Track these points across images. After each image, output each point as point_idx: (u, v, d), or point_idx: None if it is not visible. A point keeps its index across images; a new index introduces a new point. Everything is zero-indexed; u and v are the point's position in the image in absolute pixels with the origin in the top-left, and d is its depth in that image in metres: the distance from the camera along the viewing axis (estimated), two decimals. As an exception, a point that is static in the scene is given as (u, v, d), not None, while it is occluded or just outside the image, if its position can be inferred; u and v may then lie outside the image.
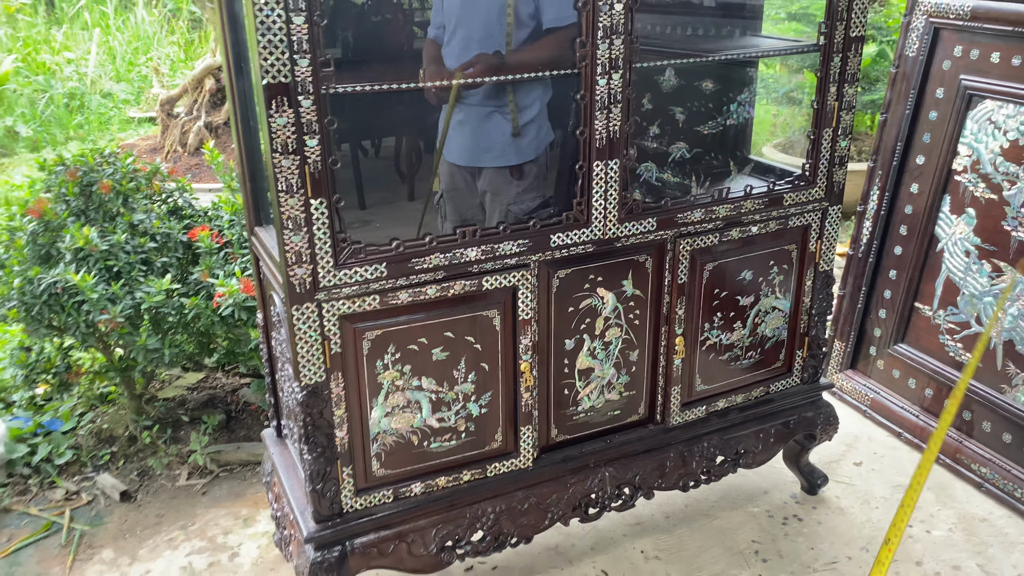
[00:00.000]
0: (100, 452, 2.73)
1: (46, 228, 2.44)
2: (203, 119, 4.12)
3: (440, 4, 2.06)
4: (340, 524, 1.83)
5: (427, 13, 2.19)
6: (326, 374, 1.70)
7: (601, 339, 1.99)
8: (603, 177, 1.81)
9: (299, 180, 1.53)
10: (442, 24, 2.04)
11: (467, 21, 1.99)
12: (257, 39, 1.43)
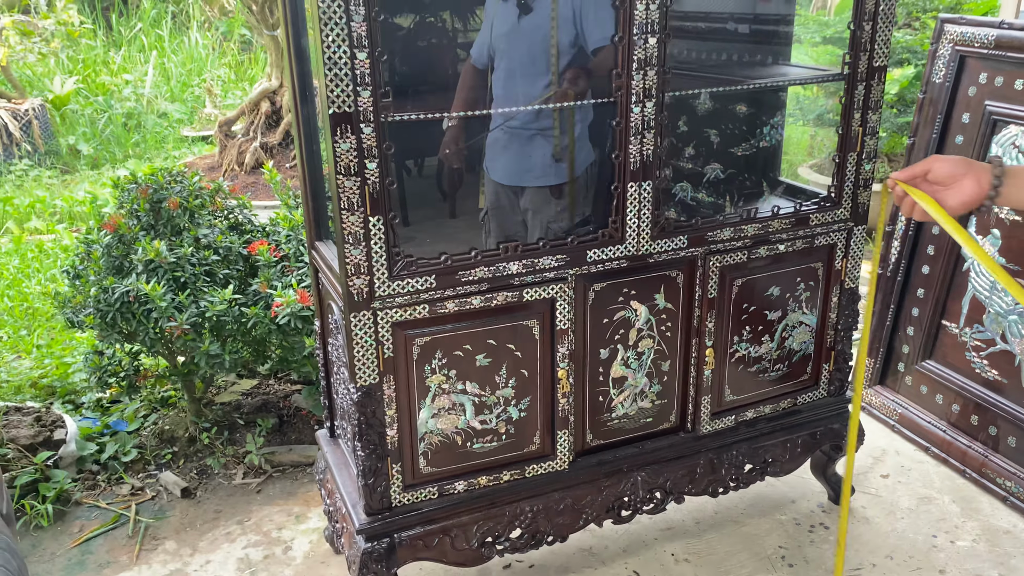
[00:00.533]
0: (162, 451, 2.91)
1: (120, 241, 2.64)
2: (259, 140, 4.34)
3: (487, 34, 2.21)
4: (389, 517, 1.97)
5: (469, 36, 2.35)
6: (379, 377, 1.85)
7: (634, 349, 2.11)
8: (637, 197, 1.94)
9: (359, 199, 1.69)
10: (485, 52, 2.19)
11: (512, 52, 2.15)
12: (324, 72, 1.59)
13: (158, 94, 8.37)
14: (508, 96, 2.17)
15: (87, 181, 6.46)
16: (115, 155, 7.14)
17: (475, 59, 2.22)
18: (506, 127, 2.22)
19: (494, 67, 2.16)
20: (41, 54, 7.70)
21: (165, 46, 9.46)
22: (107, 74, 8.80)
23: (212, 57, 9.24)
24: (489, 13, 2.23)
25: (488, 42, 2.20)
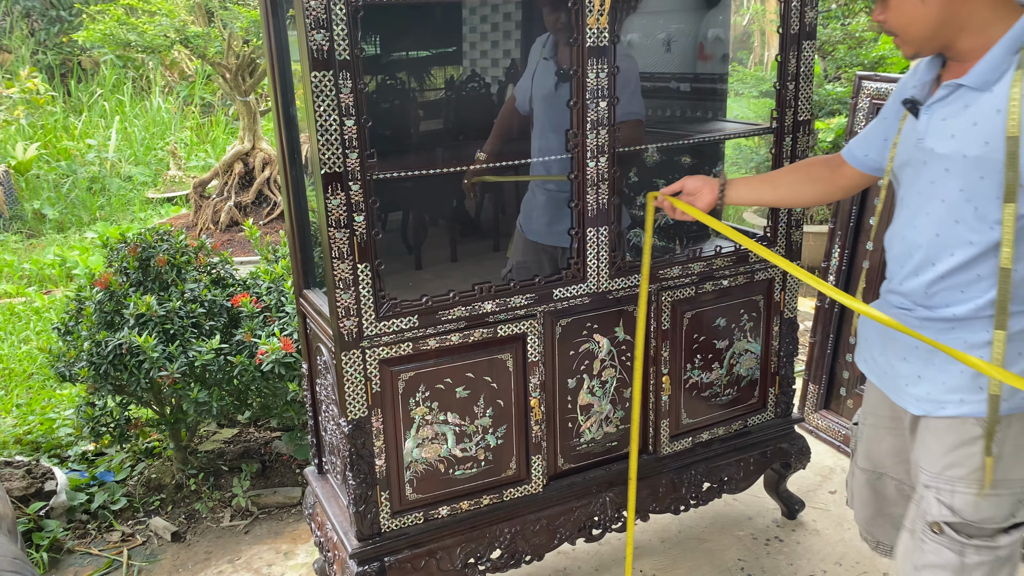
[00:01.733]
0: (151, 499, 3.03)
1: (111, 297, 2.79)
2: (233, 199, 4.52)
3: (529, 81, 2.43)
4: (379, 542, 2.13)
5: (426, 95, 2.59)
6: (368, 410, 2.03)
7: (599, 378, 2.32)
8: (595, 241, 2.17)
9: (348, 248, 1.89)
10: (527, 100, 2.41)
11: (549, 114, 2.37)
12: (317, 138, 1.80)
13: (122, 158, 8.51)
14: (544, 155, 2.40)
15: (55, 244, 6.55)
16: (81, 218, 7.24)
17: (519, 103, 2.44)
18: (544, 189, 2.44)
19: (533, 122, 2.39)
20: (6, 121, 7.80)
21: (127, 111, 9.63)
22: (68, 139, 8.92)
23: (174, 121, 9.42)
24: (531, 63, 2.45)
25: (529, 92, 2.41)
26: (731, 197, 2.04)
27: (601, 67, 2.04)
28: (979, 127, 1.52)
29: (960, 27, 1.54)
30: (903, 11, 1.56)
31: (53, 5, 12.76)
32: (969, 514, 1.63)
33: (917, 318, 1.66)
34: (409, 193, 2.83)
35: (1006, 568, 1.65)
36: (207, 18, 4.23)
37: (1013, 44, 1.49)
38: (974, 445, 1.60)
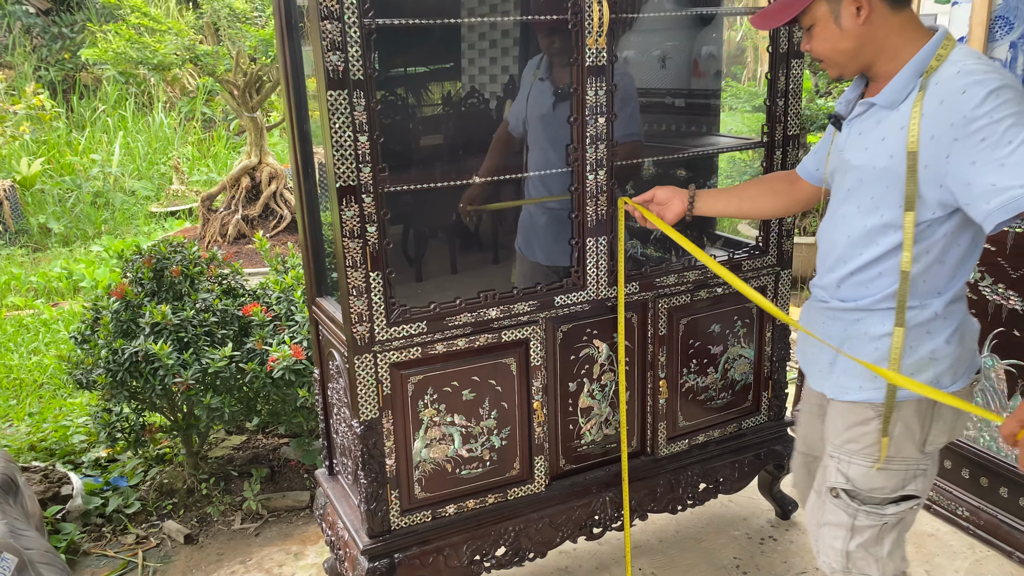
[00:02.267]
0: (163, 503, 3.11)
1: (127, 307, 2.89)
2: (240, 212, 4.63)
3: (523, 105, 2.50)
4: (389, 539, 2.22)
5: (424, 110, 2.68)
6: (379, 412, 2.13)
7: (598, 382, 2.42)
8: (594, 251, 2.28)
9: (362, 258, 2.00)
10: (521, 123, 2.49)
11: (547, 134, 2.44)
12: (332, 153, 1.91)
13: (125, 172, 8.62)
14: (544, 178, 2.49)
15: (61, 258, 6.64)
16: (86, 232, 7.33)
17: (512, 127, 2.51)
18: (545, 209, 2.52)
19: (528, 143, 2.47)
20: (12, 137, 7.91)
21: (129, 126, 9.74)
22: (71, 154, 9.03)
23: (176, 136, 9.54)
24: (525, 85, 2.54)
25: (523, 115, 2.49)
26: (700, 208, 2.16)
27: (600, 85, 2.15)
28: (886, 142, 1.69)
29: (875, 52, 1.71)
30: (825, 40, 1.74)
31: (55, 22, 12.91)
32: (861, 483, 1.84)
33: (831, 308, 1.87)
34: (409, 206, 2.92)
35: (893, 533, 1.87)
36: (215, 36, 4.34)
37: (917, 68, 1.66)
38: (868, 425, 1.81)
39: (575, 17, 2.09)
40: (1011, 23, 2.81)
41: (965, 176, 1.57)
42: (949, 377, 1.77)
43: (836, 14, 1.70)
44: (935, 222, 1.68)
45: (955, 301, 1.76)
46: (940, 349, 1.75)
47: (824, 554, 1.94)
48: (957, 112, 1.57)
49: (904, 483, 1.83)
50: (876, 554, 1.87)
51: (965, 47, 1.68)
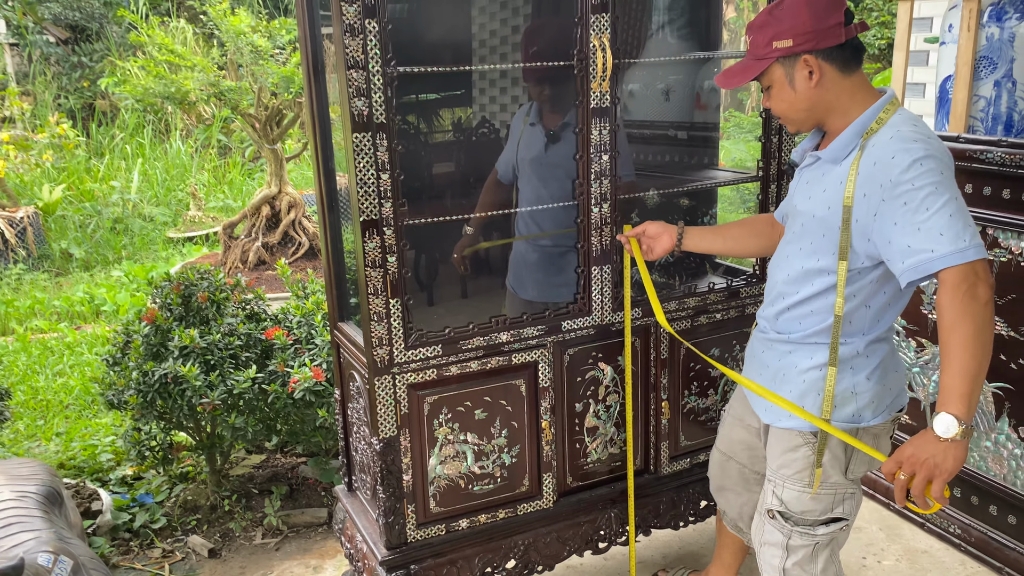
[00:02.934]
0: (188, 519, 3.25)
1: (157, 331, 3.05)
2: (260, 240, 4.80)
3: (512, 152, 2.64)
4: (406, 551, 2.35)
5: (435, 136, 2.83)
6: (397, 430, 2.27)
7: (603, 403, 2.56)
8: (599, 278, 2.43)
9: (382, 286, 2.15)
10: (511, 169, 2.63)
11: (540, 176, 2.57)
12: (357, 189, 2.07)
13: (143, 199, 8.83)
14: (535, 216, 2.62)
15: (82, 282, 6.83)
16: (106, 257, 7.53)
17: (501, 175, 2.65)
18: (536, 245, 2.65)
19: (518, 186, 2.62)
20: (36, 165, 8.14)
21: (147, 154, 9.98)
22: (91, 181, 9.26)
23: (193, 163, 9.77)
24: (515, 133, 2.68)
25: (513, 161, 2.64)
26: (687, 245, 2.34)
27: (604, 125, 2.31)
28: (827, 193, 1.86)
29: (827, 111, 1.89)
30: (782, 100, 1.92)
31: (75, 51, 13.24)
32: (793, 506, 2.02)
33: (769, 339, 2.06)
34: (421, 235, 3.07)
35: (825, 551, 2.04)
36: (237, 72, 4.54)
37: (859, 129, 1.84)
38: (797, 452, 1.98)
39: (580, 63, 2.25)
40: (995, 63, 2.96)
41: (888, 235, 1.74)
42: (870, 411, 1.93)
43: (791, 77, 1.88)
44: (864, 270, 1.85)
45: (878, 341, 1.93)
46: (861, 384, 1.92)
47: (764, 572, 2.12)
48: (886, 175, 1.73)
49: (832, 506, 2.00)
50: (810, 571, 2.04)
51: (905, 112, 1.85)
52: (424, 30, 2.74)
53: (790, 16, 1.83)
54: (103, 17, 14.00)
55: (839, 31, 1.82)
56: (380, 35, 1.99)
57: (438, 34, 2.83)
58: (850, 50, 1.86)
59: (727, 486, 2.42)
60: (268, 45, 4.38)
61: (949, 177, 1.73)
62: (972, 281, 1.65)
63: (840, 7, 1.85)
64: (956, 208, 1.69)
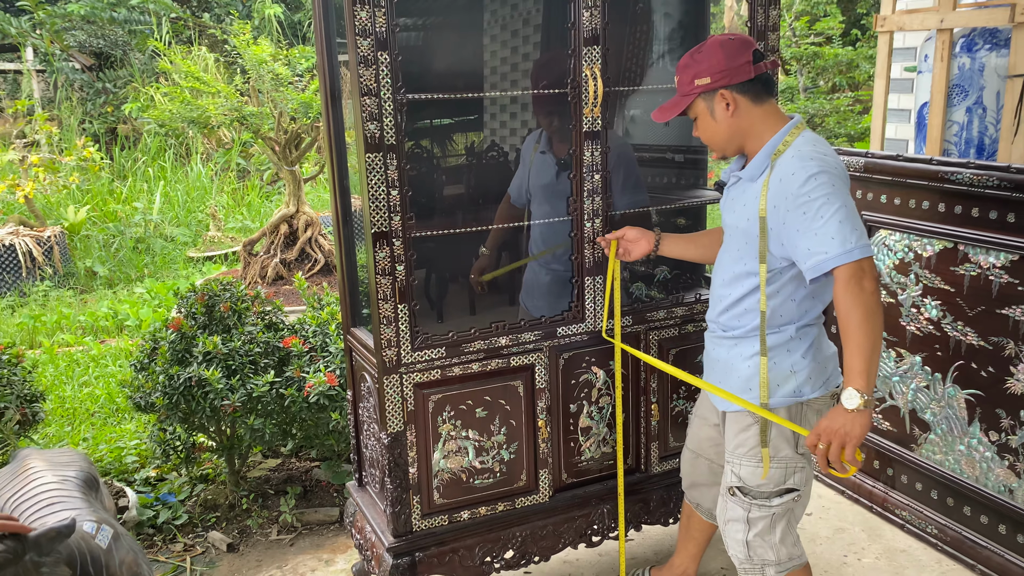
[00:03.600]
0: (208, 516, 3.45)
1: (182, 338, 3.27)
2: (278, 256, 5.04)
3: (524, 178, 2.85)
4: (411, 539, 2.54)
5: (448, 160, 3.04)
6: (404, 425, 2.47)
7: (596, 405, 2.75)
8: (592, 288, 2.63)
9: (391, 292, 2.36)
10: (523, 194, 2.84)
11: (551, 201, 2.76)
12: (368, 204, 2.28)
13: (165, 219, 9.12)
14: (546, 239, 2.83)
15: (106, 299, 7.08)
16: (129, 275, 7.79)
17: (514, 199, 2.86)
18: (548, 269, 2.86)
19: (531, 210, 2.82)
20: (64, 186, 8.45)
21: (168, 176, 10.30)
22: (114, 202, 9.56)
23: (213, 185, 10.07)
24: (526, 159, 2.88)
25: (526, 186, 2.84)
26: (663, 250, 2.59)
27: (595, 148, 2.52)
28: (747, 207, 2.15)
29: (744, 137, 2.19)
30: (705, 129, 2.22)
31: (99, 78, 13.65)
32: (749, 481, 2.27)
33: (717, 336, 2.33)
34: (432, 253, 3.28)
35: (782, 522, 2.29)
36: (258, 98, 4.80)
37: (771, 150, 2.15)
38: (749, 431, 2.26)
39: (574, 91, 2.47)
40: (966, 91, 3.16)
41: (793, 240, 2.03)
42: (809, 387, 2.19)
43: (711, 109, 2.19)
44: (783, 270, 2.14)
45: (807, 327, 2.20)
46: (798, 363, 2.18)
47: (731, 547, 2.35)
48: (789, 189, 2.03)
49: (785, 478, 2.25)
50: (770, 541, 2.28)
51: (808, 135, 2.15)
52: (437, 59, 2.97)
53: (707, 58, 2.15)
54: (126, 44, 14.45)
55: (749, 68, 2.13)
56: (391, 66, 2.21)
57: (451, 62, 3.06)
58: (760, 84, 2.16)
59: (699, 481, 2.63)
60: (288, 73, 4.65)
61: (840, 188, 2.03)
62: (859, 276, 1.96)
63: (749, 48, 2.15)
64: (845, 215, 1.98)
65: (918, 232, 3.09)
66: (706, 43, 2.18)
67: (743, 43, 2.15)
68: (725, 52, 2.13)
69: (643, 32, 3.24)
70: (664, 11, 3.21)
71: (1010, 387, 2.80)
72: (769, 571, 2.30)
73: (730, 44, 2.14)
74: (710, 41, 2.18)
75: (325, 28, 2.63)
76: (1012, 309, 2.77)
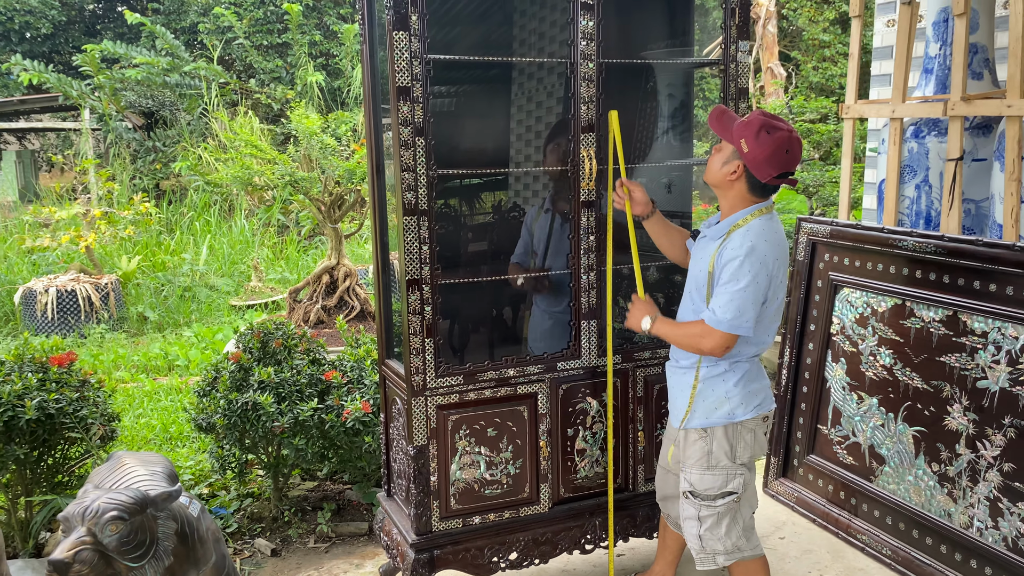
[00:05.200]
0: (254, 527, 3.95)
1: (240, 368, 3.82)
2: (320, 303, 5.62)
3: (528, 240, 3.39)
4: (431, 537, 3.03)
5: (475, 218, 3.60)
6: (427, 440, 2.98)
7: (590, 430, 3.24)
8: (587, 330, 3.15)
9: (420, 328, 2.89)
10: (528, 255, 3.36)
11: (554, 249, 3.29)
12: (404, 257, 2.84)
13: (210, 270, 9.81)
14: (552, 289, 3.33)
15: (156, 342, 7.70)
16: (177, 320, 8.43)
17: (521, 263, 3.37)
18: (551, 312, 3.36)
19: (536, 262, 3.33)
20: (123, 238, 9.17)
21: (213, 229, 11.04)
22: (163, 254, 10.29)
23: (255, 239, 10.78)
24: (528, 224, 3.41)
25: (529, 247, 3.37)
26: (650, 221, 3.03)
27: (591, 214, 3.07)
28: (702, 260, 2.68)
29: (723, 195, 2.73)
30: (713, 161, 2.73)
31: (150, 137, 14.59)
32: (697, 486, 2.78)
33: (670, 365, 2.86)
34: (454, 297, 3.80)
35: (726, 518, 2.77)
36: (309, 164, 5.45)
37: (731, 222, 2.68)
38: (695, 444, 2.74)
39: (573, 168, 3.04)
40: (915, 171, 3.69)
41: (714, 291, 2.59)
42: (741, 410, 2.71)
43: (726, 159, 2.68)
44: None
45: (738, 362, 2.72)
46: (731, 391, 2.70)
47: (688, 541, 2.86)
48: (726, 256, 2.57)
49: (726, 483, 2.75)
50: (717, 534, 2.77)
51: (764, 219, 2.65)
52: (464, 140, 3.55)
53: (758, 143, 2.56)
54: (173, 106, 15.46)
55: (769, 176, 2.61)
56: (426, 148, 2.79)
57: (474, 143, 3.64)
58: (764, 187, 2.66)
59: (668, 494, 3.08)
60: (335, 143, 5.30)
61: (757, 271, 2.56)
62: (708, 335, 2.62)
63: (783, 169, 2.61)
64: (740, 294, 2.55)
65: (874, 290, 3.59)
66: (776, 131, 2.54)
67: (786, 160, 2.57)
68: (768, 155, 2.55)
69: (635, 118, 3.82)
70: (653, 102, 3.78)
71: (947, 424, 3.26)
72: (720, 559, 2.76)
73: (779, 151, 2.54)
74: (778, 134, 2.54)
75: (373, 113, 3.23)
76: (948, 357, 3.25)
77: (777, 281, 2.65)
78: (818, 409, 3.91)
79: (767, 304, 2.65)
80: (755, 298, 2.56)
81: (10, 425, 3.41)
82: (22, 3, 18.82)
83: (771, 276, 2.60)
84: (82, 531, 2.35)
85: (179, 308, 8.76)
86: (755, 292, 2.55)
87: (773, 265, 2.60)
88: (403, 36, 2.70)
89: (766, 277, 2.58)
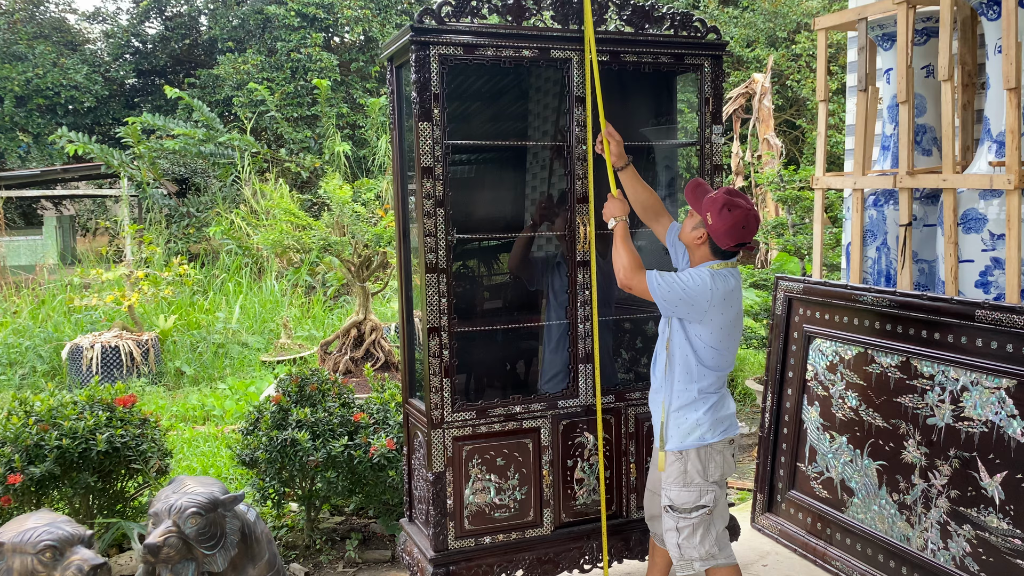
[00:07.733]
0: (289, 554, 4.40)
1: (280, 409, 4.32)
2: (348, 355, 6.15)
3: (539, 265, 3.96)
4: (447, 554, 3.46)
5: (494, 278, 4.13)
6: (444, 467, 3.44)
7: (588, 462, 3.69)
8: (584, 373, 3.62)
9: (439, 369, 3.39)
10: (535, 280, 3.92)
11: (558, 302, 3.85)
12: (425, 307, 3.35)
13: (242, 328, 10.38)
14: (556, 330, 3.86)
15: (192, 394, 8.23)
16: (211, 375, 8.97)
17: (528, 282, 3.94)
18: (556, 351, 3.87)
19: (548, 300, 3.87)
20: (163, 298, 9.80)
21: (244, 290, 11.67)
22: (197, 313, 10.90)
23: (285, 299, 11.38)
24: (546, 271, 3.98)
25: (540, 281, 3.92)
26: (625, 173, 3.45)
27: (586, 272, 3.58)
28: None
29: (692, 252, 3.21)
30: (686, 225, 3.25)
31: (183, 203, 15.40)
32: (675, 500, 3.19)
33: (651, 388, 3.28)
34: (469, 349, 4.31)
35: (700, 529, 3.18)
36: (340, 229, 6.04)
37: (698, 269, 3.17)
38: (673, 465, 3.17)
39: (570, 233, 3.56)
40: (875, 234, 4.18)
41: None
42: (710, 434, 3.15)
43: (695, 225, 3.19)
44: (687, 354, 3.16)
45: (707, 393, 3.16)
46: (701, 418, 3.15)
47: (669, 550, 3.26)
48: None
49: (699, 498, 3.18)
50: (693, 543, 3.19)
51: (723, 270, 3.15)
52: (478, 208, 4.10)
53: (720, 218, 3.07)
54: (205, 173, 16.32)
55: (728, 245, 3.13)
56: (445, 217, 3.33)
57: (487, 211, 4.19)
58: (724, 252, 3.18)
59: (654, 514, 3.50)
60: (364, 211, 5.90)
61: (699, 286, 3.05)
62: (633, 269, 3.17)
63: (740, 240, 3.11)
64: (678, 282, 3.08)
65: (841, 340, 4.05)
66: (736, 209, 3.03)
67: (742, 233, 3.07)
68: (728, 227, 3.05)
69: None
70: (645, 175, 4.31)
71: (904, 457, 3.68)
72: (696, 565, 3.18)
73: (737, 226, 3.04)
74: (737, 211, 3.03)
75: (401, 183, 3.79)
76: (903, 398, 3.69)
77: (716, 311, 3.08)
78: (797, 448, 4.33)
79: (703, 325, 3.11)
80: (682, 295, 3.06)
81: (83, 456, 3.92)
82: (68, 79, 20.04)
83: (710, 303, 3.05)
84: (169, 522, 2.90)
85: (213, 363, 9.31)
86: (686, 293, 3.05)
87: (716, 297, 3.06)
88: (427, 126, 3.27)
89: (706, 300, 3.05)
